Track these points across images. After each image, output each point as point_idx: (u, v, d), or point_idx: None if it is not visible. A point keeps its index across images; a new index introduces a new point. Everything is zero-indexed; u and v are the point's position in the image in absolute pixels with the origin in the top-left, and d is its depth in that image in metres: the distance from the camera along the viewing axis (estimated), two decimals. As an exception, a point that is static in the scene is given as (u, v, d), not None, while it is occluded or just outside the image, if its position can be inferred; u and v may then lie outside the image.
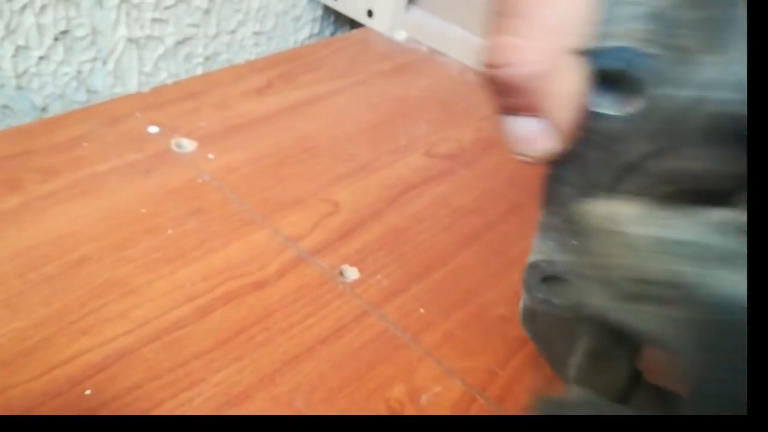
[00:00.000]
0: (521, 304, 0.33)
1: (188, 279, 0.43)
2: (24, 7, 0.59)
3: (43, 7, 0.61)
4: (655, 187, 0.25)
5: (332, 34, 0.90)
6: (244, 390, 0.37)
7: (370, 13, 0.77)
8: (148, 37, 0.70)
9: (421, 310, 0.44)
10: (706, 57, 0.23)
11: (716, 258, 0.20)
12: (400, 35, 0.76)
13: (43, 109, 0.65)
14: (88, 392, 0.35)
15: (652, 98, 0.24)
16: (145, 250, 0.44)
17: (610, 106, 0.25)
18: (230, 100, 0.60)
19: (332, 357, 0.40)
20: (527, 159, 0.27)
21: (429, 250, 0.49)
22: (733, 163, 0.24)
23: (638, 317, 0.22)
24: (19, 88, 0.63)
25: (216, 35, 0.76)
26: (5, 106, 0.63)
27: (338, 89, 0.65)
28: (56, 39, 0.63)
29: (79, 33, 0.65)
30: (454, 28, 0.74)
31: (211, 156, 0.53)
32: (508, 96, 0.26)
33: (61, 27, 0.63)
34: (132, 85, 0.72)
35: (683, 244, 0.21)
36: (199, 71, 0.77)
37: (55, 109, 0.66)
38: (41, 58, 0.63)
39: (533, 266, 0.29)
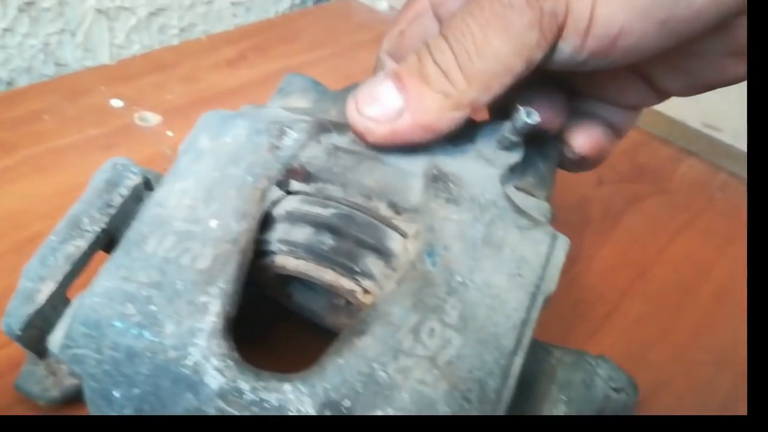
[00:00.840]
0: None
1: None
2: (-16, -24, 0.57)
3: (5, -23, 0.58)
4: None
5: (315, 3, 0.87)
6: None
7: (350, -18, 0.74)
8: (119, 8, 0.68)
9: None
10: None
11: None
12: (382, 4, 0.74)
13: (9, 83, 0.63)
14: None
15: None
16: (100, 227, 0.42)
17: None
18: (200, 73, 0.58)
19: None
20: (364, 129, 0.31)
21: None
22: None
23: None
24: (-17, 61, 0.61)
25: (191, 6, 0.74)
26: (-30, 80, 0.61)
27: (314, 60, 0.63)
28: (21, 10, 0.61)
29: (46, 4, 0.62)
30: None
31: (170, 133, 0.51)
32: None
33: (26, -3, 0.60)
34: (103, 57, 0.69)
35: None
36: (175, 43, 0.75)
37: (22, 83, 0.64)
38: (6, 30, 0.61)
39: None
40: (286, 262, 0.30)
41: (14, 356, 0.34)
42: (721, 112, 0.61)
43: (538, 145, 0.35)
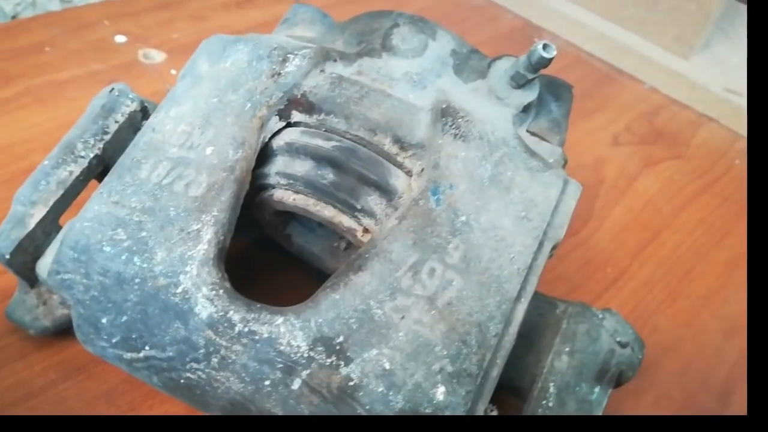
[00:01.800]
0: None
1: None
2: None
3: None
4: None
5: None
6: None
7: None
8: (128, -56, 0.65)
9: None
10: None
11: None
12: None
13: (14, 17, 0.62)
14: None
15: None
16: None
17: None
18: (207, 12, 0.56)
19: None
20: None
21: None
22: None
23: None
24: (-13, -7, 0.59)
25: (203, -54, 0.71)
26: (-27, 13, 0.60)
27: (327, 4, 0.61)
28: (26, -59, 0.59)
29: (52, -64, 0.61)
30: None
31: (174, 72, 0.50)
32: None
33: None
34: (111, -5, 0.67)
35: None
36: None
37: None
38: (11, -39, 0.59)
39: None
40: (284, 196, 0.29)
41: (6, 286, 0.33)
42: (744, 76, 0.59)
43: (552, 89, 0.34)
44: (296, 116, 0.29)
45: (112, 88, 0.32)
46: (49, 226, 0.30)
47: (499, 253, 0.26)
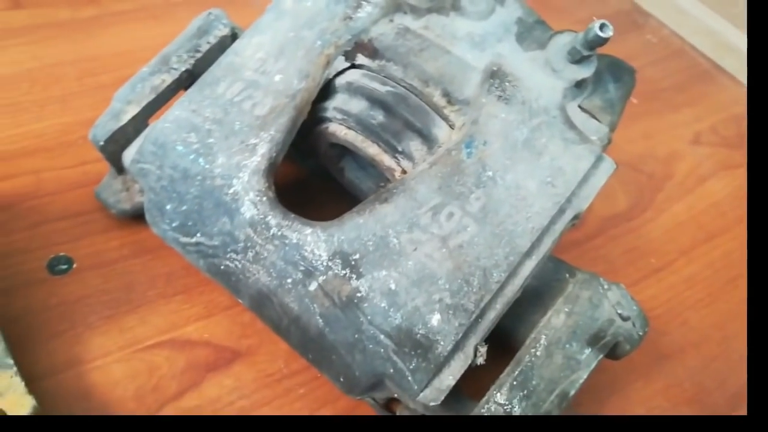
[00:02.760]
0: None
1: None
2: None
3: None
4: None
5: None
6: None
7: None
8: None
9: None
10: None
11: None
12: None
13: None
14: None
15: None
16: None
17: None
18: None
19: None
20: None
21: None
22: None
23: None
24: None
25: None
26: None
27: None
28: None
29: None
30: None
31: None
32: None
33: None
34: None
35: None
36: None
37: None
38: None
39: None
40: (337, 130, 0.32)
41: (102, 171, 0.38)
42: None
43: (614, 70, 0.35)
44: (360, 59, 0.32)
45: (210, 13, 0.36)
46: (140, 124, 0.34)
47: (517, 210, 0.29)
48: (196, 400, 0.32)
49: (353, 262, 0.27)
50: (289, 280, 0.27)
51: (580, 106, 0.33)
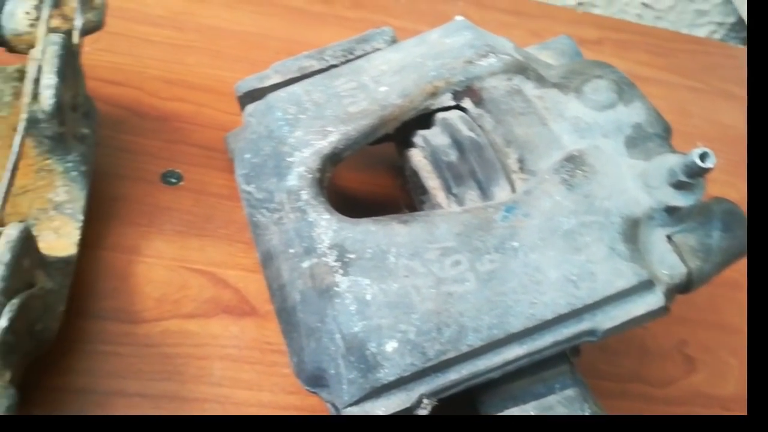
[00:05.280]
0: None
1: None
2: None
3: None
4: None
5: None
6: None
7: None
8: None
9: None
10: None
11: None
12: None
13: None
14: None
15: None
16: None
17: None
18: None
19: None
20: None
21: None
22: None
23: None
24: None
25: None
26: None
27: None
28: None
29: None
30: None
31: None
32: None
33: None
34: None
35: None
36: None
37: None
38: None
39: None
40: (414, 154, 0.34)
41: (236, 123, 0.44)
42: None
43: (727, 218, 0.31)
44: (466, 103, 0.33)
45: (383, 30, 0.41)
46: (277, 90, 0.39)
47: (525, 291, 0.27)
48: (199, 328, 0.36)
49: (346, 260, 0.28)
50: (291, 251, 0.29)
51: (668, 236, 0.31)
